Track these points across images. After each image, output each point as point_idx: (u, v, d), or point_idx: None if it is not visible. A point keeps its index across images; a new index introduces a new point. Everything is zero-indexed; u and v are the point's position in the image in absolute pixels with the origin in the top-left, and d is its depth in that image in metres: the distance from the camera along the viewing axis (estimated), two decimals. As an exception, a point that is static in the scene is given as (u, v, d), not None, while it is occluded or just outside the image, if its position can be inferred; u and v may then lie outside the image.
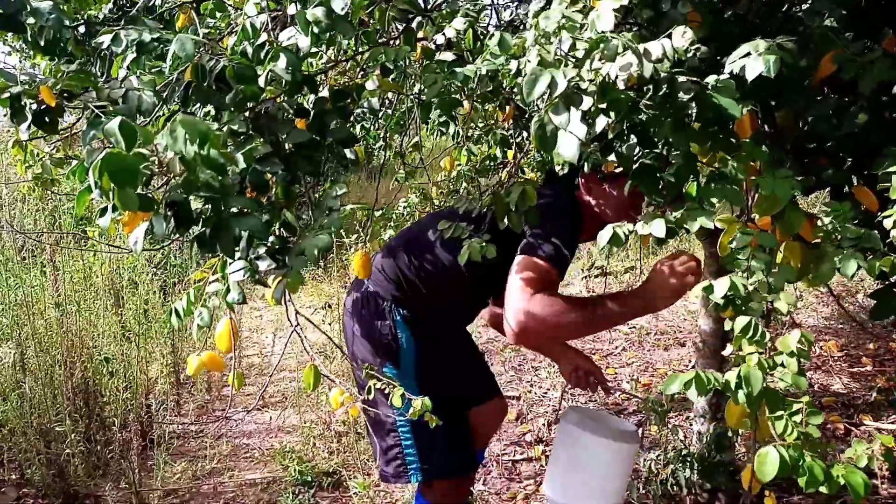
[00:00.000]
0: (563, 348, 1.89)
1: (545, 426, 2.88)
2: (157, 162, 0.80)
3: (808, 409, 0.95)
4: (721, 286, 1.01)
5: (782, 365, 0.97)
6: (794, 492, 2.25)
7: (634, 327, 3.96)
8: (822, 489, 0.92)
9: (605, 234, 1.24)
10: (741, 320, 1.00)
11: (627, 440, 1.70)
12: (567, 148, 1.05)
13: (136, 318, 3.16)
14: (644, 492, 2.27)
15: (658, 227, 1.21)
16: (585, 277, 3.73)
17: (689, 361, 3.44)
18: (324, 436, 2.88)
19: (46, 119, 0.95)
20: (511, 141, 2.16)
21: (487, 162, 2.11)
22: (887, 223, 1.05)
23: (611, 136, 1.36)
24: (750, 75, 0.99)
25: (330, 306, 3.80)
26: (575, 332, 1.57)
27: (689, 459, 2.23)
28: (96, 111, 0.86)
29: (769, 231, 1.19)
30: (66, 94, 0.94)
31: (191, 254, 4.00)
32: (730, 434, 2.24)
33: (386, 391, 1.37)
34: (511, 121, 1.99)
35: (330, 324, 3.70)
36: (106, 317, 3.08)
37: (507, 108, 1.82)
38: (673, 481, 2.22)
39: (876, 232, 1.08)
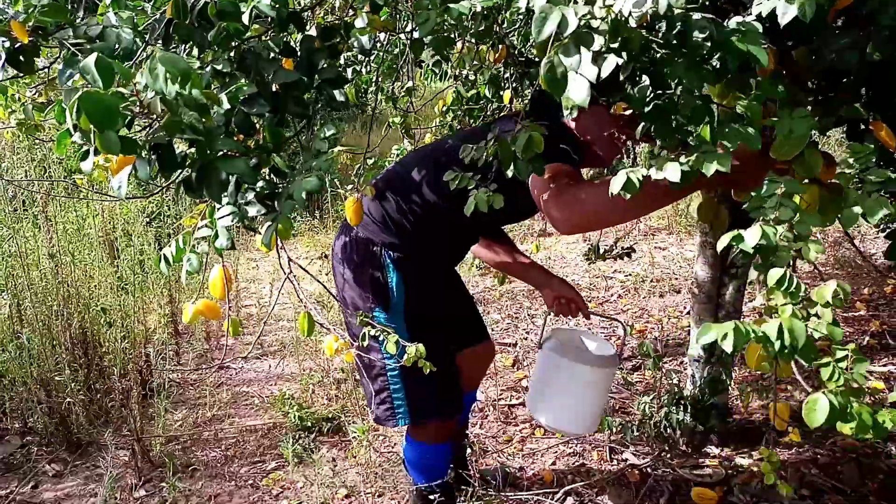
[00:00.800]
0: (547, 276, 1.91)
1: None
2: (137, 103, 0.77)
3: (855, 356, 0.96)
4: (752, 236, 0.99)
5: (816, 315, 0.96)
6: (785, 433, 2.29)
7: (630, 275, 3.97)
8: (869, 435, 0.93)
9: (617, 181, 1.20)
10: (775, 272, 0.98)
11: (605, 365, 1.78)
12: (577, 91, 1.01)
13: (131, 269, 3.15)
14: (638, 434, 2.30)
15: (672, 172, 1.18)
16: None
17: (685, 308, 3.46)
18: (322, 383, 2.92)
19: (21, 59, 0.91)
20: (502, 82, 2.11)
21: (479, 101, 2.07)
22: None
23: (622, 77, 1.32)
24: (783, 20, 0.94)
25: (326, 256, 3.79)
26: (617, 213, 1.45)
27: (682, 402, 2.26)
28: (73, 50, 0.83)
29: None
30: (40, 31, 0.90)
31: (181, 201, 3.96)
32: (723, 377, 2.26)
33: (378, 337, 1.37)
34: (503, 61, 1.94)
35: (326, 274, 3.70)
36: (101, 268, 3.07)
37: (500, 47, 1.77)
38: (667, 423, 2.26)
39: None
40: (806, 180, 1.19)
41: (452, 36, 1.31)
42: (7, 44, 0.88)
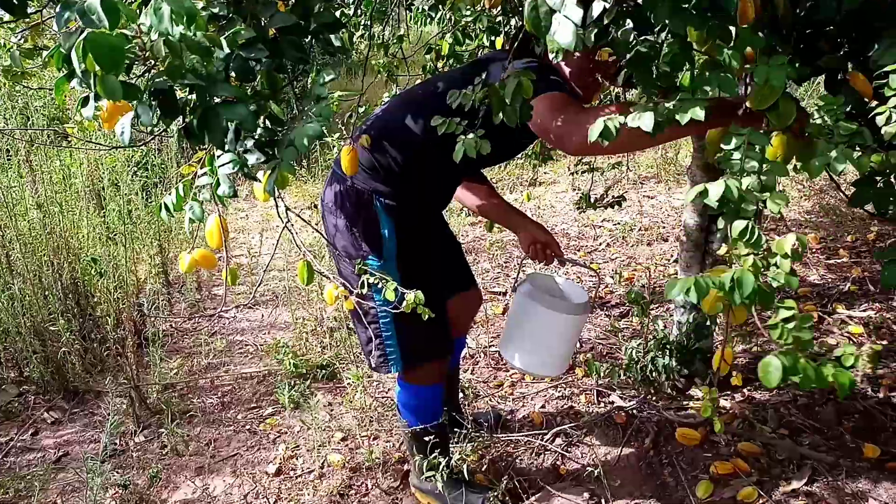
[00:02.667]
0: (523, 220, 1.93)
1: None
2: (139, 45, 0.76)
3: (800, 315, 1.00)
4: (715, 189, 1.02)
5: (776, 265, 1.00)
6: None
7: (619, 224, 4.01)
8: (813, 386, 0.98)
9: (595, 129, 1.22)
10: (738, 224, 1.01)
11: (576, 312, 1.82)
12: (563, 34, 1.01)
13: (120, 219, 3.13)
14: (625, 378, 2.37)
15: (647, 120, 1.20)
16: (572, 174, 3.73)
17: (672, 255, 3.51)
18: (316, 331, 2.95)
19: (14, 1, 0.89)
20: (499, 29, 2.09)
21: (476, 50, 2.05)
22: (879, 119, 1.04)
23: (606, 21, 1.31)
24: None
25: (316, 206, 3.78)
26: (632, 138, 1.38)
27: (668, 347, 2.32)
28: (68, -9, 0.81)
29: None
30: (33, -27, 0.88)
31: (166, 150, 3.91)
32: (708, 324, 2.32)
33: (373, 284, 1.39)
34: (499, 7, 1.91)
35: (317, 223, 3.70)
36: (89, 218, 3.05)
37: (496, -8, 1.75)
38: (652, 368, 2.32)
39: (867, 129, 1.08)
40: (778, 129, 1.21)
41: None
42: (-1, -14, 0.86)
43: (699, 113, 1.14)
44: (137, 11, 0.73)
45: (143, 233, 3.34)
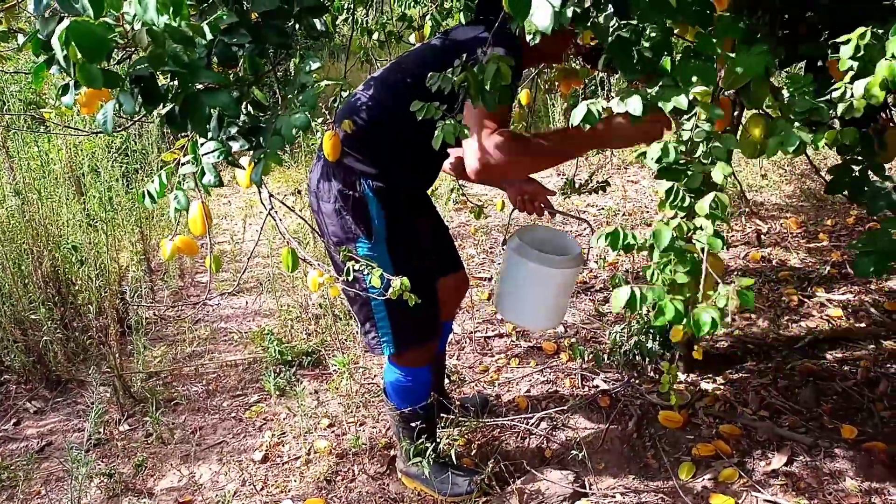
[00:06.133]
0: None
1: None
2: (122, 34, 0.75)
3: (678, 259, 1.04)
4: (653, 150, 1.05)
5: (701, 228, 1.03)
6: (747, 359, 2.41)
7: (603, 209, 4.03)
8: (675, 322, 1.03)
9: (578, 112, 1.23)
10: (664, 185, 1.05)
11: (568, 265, 1.76)
12: (541, 17, 1.00)
13: (101, 206, 3.09)
14: (609, 362, 2.40)
15: (635, 104, 1.20)
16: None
17: (655, 240, 3.54)
18: (301, 318, 2.95)
19: (-11, -16, 0.87)
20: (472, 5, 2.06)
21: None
22: (835, 95, 1.05)
23: (587, 4, 1.30)
24: None
25: (299, 192, 3.75)
26: (533, 164, 1.62)
27: (651, 332, 2.35)
28: (45, -25, 0.79)
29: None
30: (8, -44, 0.85)
31: (146, 136, 3.86)
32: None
33: (363, 269, 1.39)
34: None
35: (301, 209, 3.68)
36: (69, 205, 3.00)
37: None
38: (636, 351, 2.35)
39: (823, 106, 1.08)
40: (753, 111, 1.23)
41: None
42: (-27, -31, 0.83)
43: (682, 100, 1.15)
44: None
45: (124, 219, 3.30)
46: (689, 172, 1.08)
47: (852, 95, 1.01)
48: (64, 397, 2.56)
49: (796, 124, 1.08)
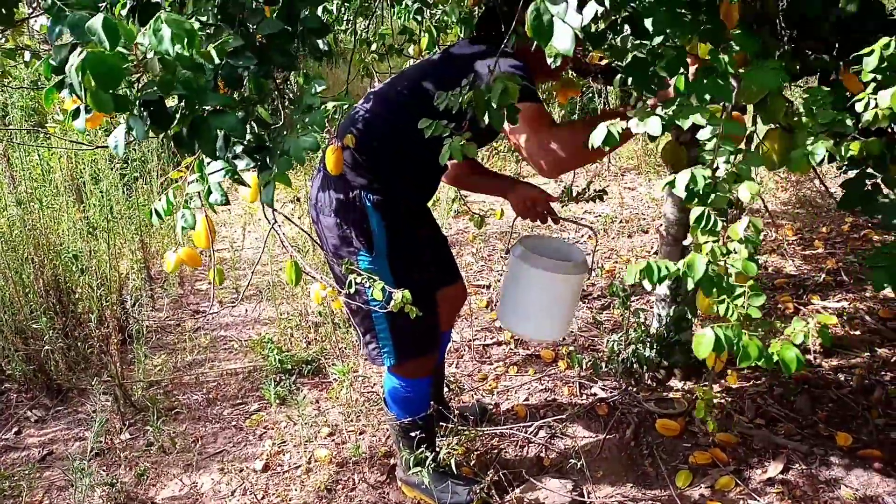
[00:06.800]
0: (511, 181, 1.94)
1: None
2: (134, 62, 0.77)
3: (752, 291, 1.02)
4: (682, 179, 1.05)
5: (734, 251, 1.03)
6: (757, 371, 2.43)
7: (600, 216, 4.05)
8: (760, 363, 1.01)
9: (598, 134, 1.24)
10: (696, 210, 1.04)
11: (573, 272, 1.75)
12: (562, 40, 1.03)
13: (102, 214, 3.10)
14: (607, 370, 2.42)
15: (654, 125, 1.22)
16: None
17: (652, 247, 3.56)
18: (300, 326, 2.96)
19: (2, 10, 0.89)
20: (472, 21, 2.10)
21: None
22: (859, 106, 1.06)
23: (603, 26, 1.33)
24: None
25: (298, 199, 3.77)
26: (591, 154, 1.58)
27: (648, 340, 2.37)
28: (59, 4, 0.81)
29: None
30: (21, -16, 0.88)
31: (145, 145, 3.87)
32: (688, 316, 2.37)
33: (364, 281, 1.41)
34: (476, 4, 1.92)
35: (300, 217, 3.70)
36: (70, 213, 3.02)
37: (477, -10, 1.76)
38: (633, 359, 2.37)
39: (847, 117, 1.09)
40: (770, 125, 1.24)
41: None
42: (-13, -4, 0.85)
43: (701, 119, 1.16)
44: (135, 30, 0.73)
45: (123, 228, 3.31)
46: (716, 194, 1.07)
47: (876, 106, 1.02)
48: (65, 406, 2.57)
49: (820, 136, 1.08)
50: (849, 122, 1.09)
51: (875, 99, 1.01)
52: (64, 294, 2.84)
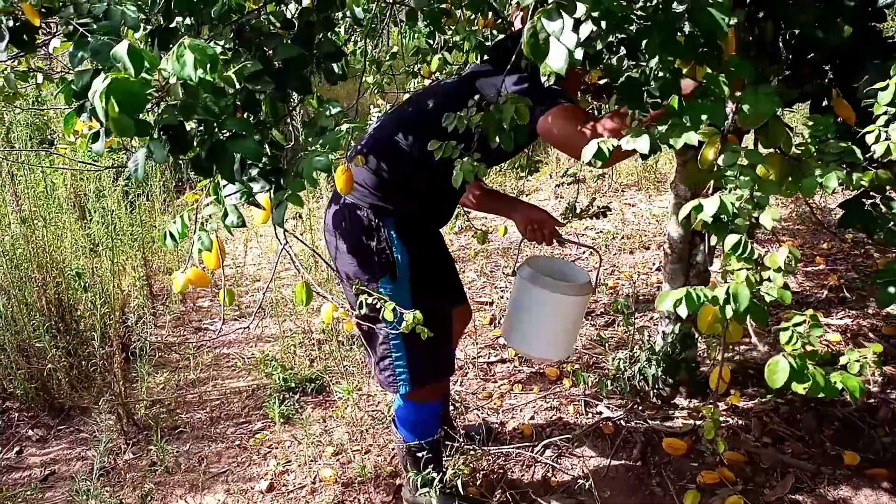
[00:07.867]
0: (516, 202, 1.95)
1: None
2: (157, 87, 0.77)
3: (812, 321, 1.02)
4: (711, 206, 1.05)
5: (769, 280, 1.02)
6: (749, 385, 2.43)
7: (602, 232, 4.06)
8: (824, 394, 1.00)
9: (589, 150, 1.26)
10: (731, 238, 1.04)
11: (577, 293, 1.79)
12: (556, 59, 1.04)
13: (105, 232, 3.10)
14: (612, 388, 2.41)
15: (643, 143, 1.24)
16: (558, 185, 3.78)
17: (654, 264, 3.57)
18: (304, 344, 2.95)
19: (24, 37, 0.89)
20: (486, 45, 2.12)
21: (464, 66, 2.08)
22: (869, 138, 1.08)
23: (599, 46, 1.35)
24: None
25: (300, 216, 3.78)
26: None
27: (654, 357, 2.37)
28: (81, 30, 0.82)
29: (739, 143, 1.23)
30: (44, 10, 0.88)
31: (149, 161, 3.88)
32: (693, 333, 2.37)
33: (377, 305, 1.41)
34: (490, 28, 1.95)
35: (302, 233, 3.70)
36: (73, 230, 3.02)
37: (489, 14, 1.78)
38: (639, 377, 2.37)
39: (857, 148, 1.12)
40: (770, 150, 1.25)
41: (447, 6, 1.31)
42: (11, 23, 0.86)
43: (693, 138, 1.18)
44: (159, 56, 0.74)
45: (126, 244, 3.31)
46: (737, 221, 1.07)
47: (888, 138, 1.03)
48: (67, 425, 2.56)
49: (832, 164, 1.10)
50: (858, 152, 1.12)
51: (887, 132, 1.03)
52: (66, 312, 2.83)
